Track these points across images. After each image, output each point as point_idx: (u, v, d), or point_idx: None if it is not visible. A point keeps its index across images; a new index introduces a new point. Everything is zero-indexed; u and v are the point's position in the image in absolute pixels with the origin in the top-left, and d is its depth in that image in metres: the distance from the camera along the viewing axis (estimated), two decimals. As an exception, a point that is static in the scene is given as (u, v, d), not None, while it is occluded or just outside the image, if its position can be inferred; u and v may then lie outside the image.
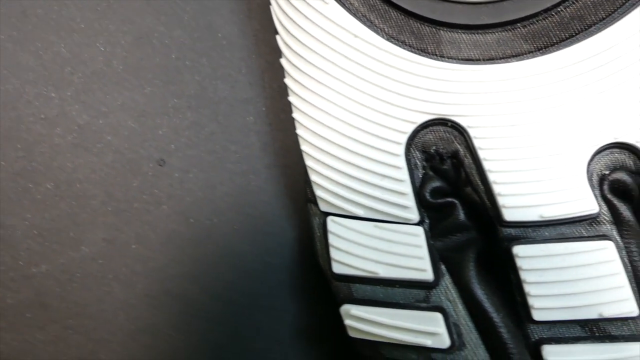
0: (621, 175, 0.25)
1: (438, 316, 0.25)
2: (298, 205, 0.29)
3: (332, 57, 0.26)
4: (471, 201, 0.26)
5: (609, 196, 0.25)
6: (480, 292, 0.25)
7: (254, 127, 0.30)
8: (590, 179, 0.25)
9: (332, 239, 0.27)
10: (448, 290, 0.25)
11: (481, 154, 0.25)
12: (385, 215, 0.26)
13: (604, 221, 0.25)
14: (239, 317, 0.29)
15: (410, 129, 0.26)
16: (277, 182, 0.30)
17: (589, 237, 0.25)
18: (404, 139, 0.26)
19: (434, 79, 0.26)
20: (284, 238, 0.29)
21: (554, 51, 0.25)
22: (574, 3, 0.25)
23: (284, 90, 0.27)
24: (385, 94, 0.26)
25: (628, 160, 0.25)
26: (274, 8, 0.28)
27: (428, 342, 0.25)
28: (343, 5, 0.26)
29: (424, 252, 0.25)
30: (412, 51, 0.26)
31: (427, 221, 0.26)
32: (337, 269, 0.26)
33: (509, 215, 0.25)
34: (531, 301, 0.24)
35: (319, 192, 0.27)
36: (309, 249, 0.27)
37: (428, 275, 0.25)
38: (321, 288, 0.27)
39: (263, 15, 0.30)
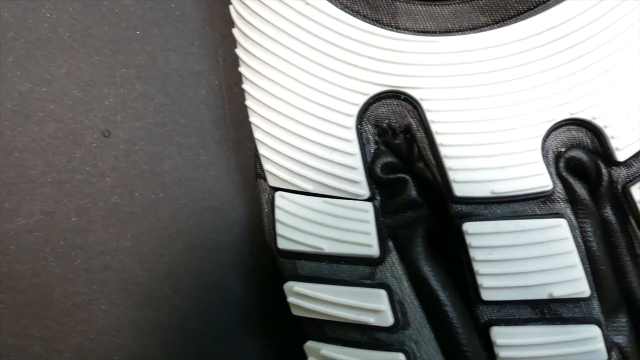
0: (577, 153, 0.24)
1: (382, 293, 0.24)
2: (248, 181, 0.28)
3: (282, 25, 0.25)
4: (423, 177, 0.25)
5: (565, 174, 0.24)
6: (427, 270, 0.24)
7: (205, 100, 0.29)
8: (545, 156, 0.24)
9: (278, 214, 0.25)
10: (394, 267, 0.24)
11: (433, 128, 0.24)
12: (335, 190, 0.25)
13: (558, 199, 0.24)
14: (183, 295, 0.28)
15: (361, 100, 0.25)
16: (227, 157, 0.29)
17: (541, 215, 0.24)
18: (355, 111, 0.25)
19: (387, 50, 0.25)
20: (233, 215, 0.28)
21: (511, 24, 0.24)
22: (532, -25, 0.25)
23: (238, 63, 0.26)
24: (337, 64, 0.25)
25: (585, 138, 0.24)
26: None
27: (371, 319, 0.24)
28: (295, -27, 0.26)
29: (371, 227, 0.24)
30: (365, 21, 0.25)
31: (378, 198, 0.25)
32: (281, 244, 0.25)
33: (459, 190, 0.24)
34: (480, 280, 0.23)
35: (267, 166, 0.26)
36: (258, 227, 0.26)
37: (374, 251, 0.24)
38: (269, 267, 0.26)
39: (219, -14, 0.29)
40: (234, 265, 0.28)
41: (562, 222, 0.23)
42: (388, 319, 0.24)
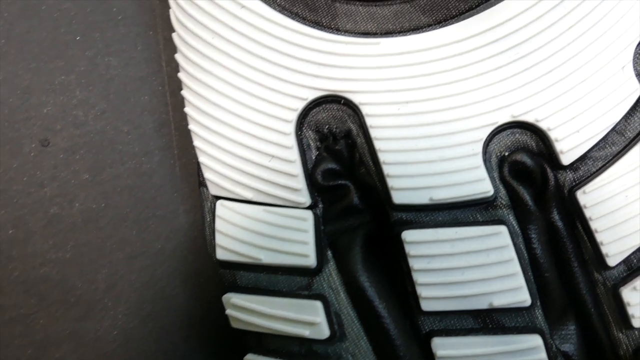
0: (522, 157, 0.24)
1: (318, 305, 0.23)
2: (193, 188, 0.28)
3: (218, 29, 0.25)
4: (365, 183, 0.24)
5: (509, 179, 0.24)
6: (364, 280, 0.23)
7: (148, 106, 0.28)
8: (488, 160, 0.23)
9: (219, 224, 0.25)
10: (331, 278, 0.24)
11: (372, 133, 0.24)
12: (275, 198, 0.24)
13: (501, 205, 0.23)
14: (125, 306, 0.27)
15: (300, 105, 0.24)
16: (171, 164, 0.28)
17: (483, 222, 0.23)
18: (293, 116, 0.24)
19: (325, 53, 0.24)
20: (177, 223, 0.28)
21: (453, 23, 0.24)
22: (473, -27, 0.24)
23: (180, 68, 0.25)
24: (274, 68, 0.24)
25: (530, 141, 0.24)
26: (166, -21, 0.26)
27: (306, 332, 0.23)
28: (232, -26, 0.25)
29: (309, 237, 0.24)
30: (304, 23, 0.24)
31: (320, 205, 0.25)
32: (220, 255, 0.25)
33: (397, 197, 0.23)
34: (419, 290, 0.23)
35: (208, 175, 0.25)
36: (203, 234, 0.25)
37: (310, 261, 0.23)
38: (214, 276, 0.26)
39: (162, -12, 0.28)
40: (177, 274, 0.27)
41: (503, 229, 0.23)
42: (323, 332, 0.23)
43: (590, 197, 0.23)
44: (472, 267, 0.22)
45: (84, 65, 0.28)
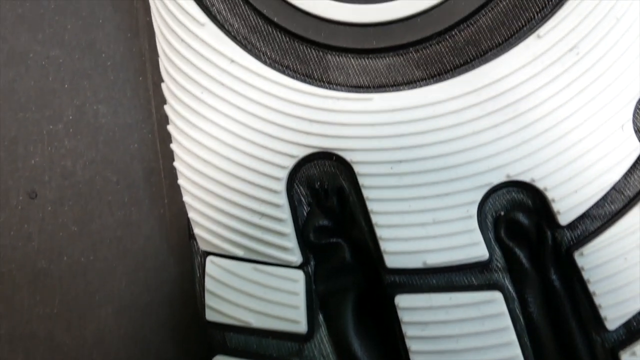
0: (518, 216, 0.23)
1: (309, 373, 0.23)
2: (183, 238, 0.27)
3: (208, 84, 0.24)
4: (357, 242, 0.24)
5: (505, 239, 0.23)
6: (357, 347, 0.23)
7: (137, 155, 0.27)
8: (484, 221, 0.23)
9: (208, 283, 0.24)
10: (322, 344, 0.23)
11: (365, 193, 0.23)
12: (266, 256, 0.24)
13: (496, 268, 0.23)
14: (113, 361, 0.27)
15: (290, 163, 0.24)
16: (161, 214, 0.27)
17: (478, 286, 0.22)
18: (284, 174, 0.24)
19: (316, 109, 0.23)
20: (166, 274, 0.27)
21: (448, 79, 0.23)
22: (468, 27, 0.23)
23: (170, 117, 0.25)
24: (264, 125, 0.24)
25: (526, 199, 0.23)
26: (156, 28, 0.26)
27: (296, 400, 0.23)
28: (221, 26, 0.24)
29: (300, 300, 0.23)
30: (295, 77, 0.24)
31: (312, 262, 0.24)
32: (210, 316, 0.24)
33: (390, 261, 0.23)
34: (413, 357, 0.22)
35: (197, 231, 0.25)
36: (193, 286, 0.25)
37: (301, 327, 0.23)
38: (203, 329, 0.25)
39: (152, 33, 0.27)
40: (166, 328, 0.27)
41: (498, 296, 0.22)
42: (314, 400, 0.23)
43: (588, 259, 0.22)
44: (466, 335, 0.22)
45: (72, 113, 0.27)
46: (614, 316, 0.22)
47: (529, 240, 0.23)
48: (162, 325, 0.27)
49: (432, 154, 0.23)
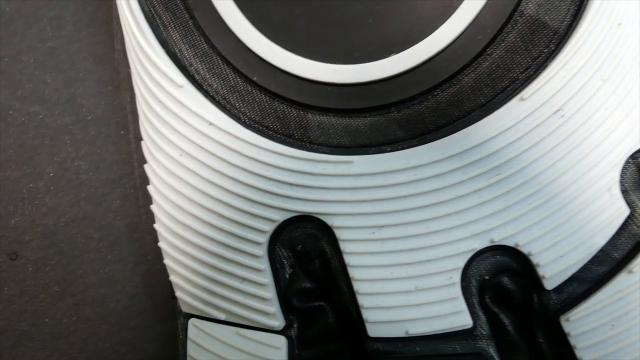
0: (504, 280, 0.23)
1: None
2: (167, 295, 0.27)
3: (187, 146, 0.24)
4: (341, 307, 0.23)
5: (490, 305, 0.23)
6: (340, 418, 0.22)
7: (120, 211, 0.27)
8: (468, 286, 0.22)
9: (190, 348, 0.24)
10: (304, 416, 0.23)
11: (346, 259, 0.23)
12: (248, 320, 0.24)
13: (481, 335, 0.22)
14: None
15: (271, 227, 0.23)
16: (145, 271, 0.27)
17: (462, 354, 0.22)
18: (265, 238, 0.23)
19: (297, 172, 0.23)
20: (151, 332, 0.27)
21: (431, 140, 0.22)
22: (451, 87, 0.23)
23: (154, 169, 0.24)
24: (244, 189, 0.23)
25: (512, 263, 0.22)
26: (135, 88, 0.25)
27: None
28: (200, 87, 0.24)
29: (281, 369, 0.23)
30: (275, 138, 0.23)
31: (295, 326, 0.24)
32: (192, 382, 0.24)
33: (372, 331, 0.22)
34: None
35: (179, 293, 0.24)
36: (177, 345, 0.24)
37: (283, 398, 0.23)
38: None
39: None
40: (152, 389, 0.27)
41: (481, 367, 0.22)
42: None
43: (574, 325, 0.22)
44: (449, 408, 0.21)
45: (53, 170, 0.27)
46: (602, 384, 0.22)
47: (515, 305, 0.23)
48: (144, 385, 0.27)
49: (415, 219, 0.22)
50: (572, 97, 0.22)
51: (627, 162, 0.22)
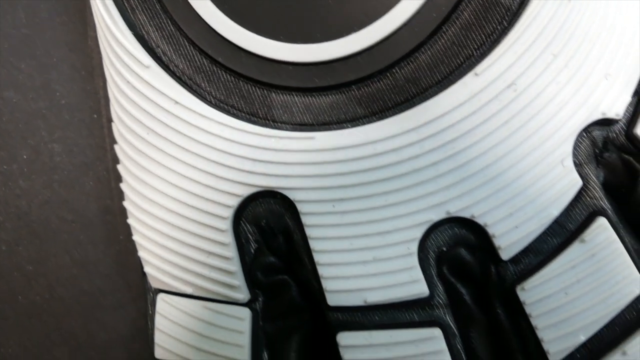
0: (461, 252, 0.23)
1: (251, 413, 0.23)
2: (139, 275, 0.27)
3: (153, 125, 0.24)
4: (304, 280, 0.24)
5: (448, 275, 0.23)
6: (301, 387, 0.23)
7: (93, 194, 0.28)
8: (426, 257, 0.23)
9: (158, 321, 0.25)
10: (265, 384, 0.23)
11: (308, 232, 0.23)
12: (214, 294, 0.24)
13: (438, 304, 0.23)
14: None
15: (235, 202, 0.24)
16: (117, 251, 0.28)
17: (419, 322, 0.23)
18: (229, 213, 0.24)
19: (260, 148, 0.24)
20: (123, 312, 0.27)
21: (389, 116, 0.23)
22: (408, 64, 0.23)
23: (127, 152, 0.25)
24: (209, 165, 0.24)
25: (469, 235, 0.23)
26: (105, 70, 0.26)
27: None
28: (166, 68, 0.24)
29: (244, 339, 0.23)
30: (240, 117, 0.24)
31: (260, 299, 0.24)
32: (158, 354, 0.24)
33: (332, 299, 0.23)
34: (355, 396, 0.22)
35: (147, 269, 0.25)
36: (147, 323, 0.25)
37: (245, 367, 0.23)
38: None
39: (106, 72, 0.28)
40: (122, 367, 0.27)
41: (437, 333, 0.22)
42: None
43: (529, 293, 0.22)
44: (406, 373, 0.22)
45: (27, 154, 0.28)
46: (556, 350, 0.22)
47: (473, 276, 0.23)
48: (117, 364, 0.27)
49: (373, 192, 0.23)
50: (524, 71, 0.22)
51: (581, 136, 0.23)
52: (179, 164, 0.24)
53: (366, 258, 0.23)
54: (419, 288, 0.22)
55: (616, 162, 0.24)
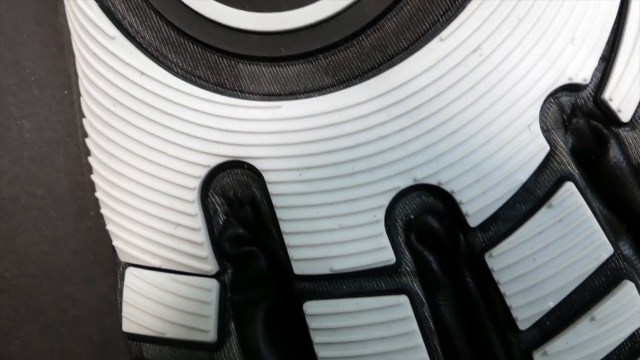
0: (429, 220, 0.23)
1: (217, 383, 0.23)
2: (109, 251, 0.27)
3: (120, 97, 0.24)
4: (271, 251, 0.24)
5: (415, 243, 0.23)
6: (266, 354, 0.23)
7: (63, 169, 0.28)
8: (394, 225, 0.23)
9: (126, 294, 0.24)
10: (231, 353, 0.23)
11: (274, 201, 0.23)
12: (182, 266, 0.24)
13: (405, 272, 0.23)
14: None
15: (202, 172, 0.24)
16: (88, 227, 0.27)
17: (386, 290, 0.22)
18: (196, 184, 0.24)
19: (226, 118, 0.23)
20: (94, 287, 0.27)
21: (356, 84, 0.23)
22: (374, 32, 0.23)
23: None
24: (175, 136, 0.24)
25: (437, 203, 0.23)
26: (73, 43, 0.26)
27: (204, 410, 0.23)
28: (132, 39, 0.24)
29: (211, 310, 0.23)
30: (207, 88, 0.24)
31: (229, 271, 0.24)
32: (126, 327, 0.24)
33: (298, 268, 0.23)
34: (321, 364, 0.22)
35: (116, 242, 0.25)
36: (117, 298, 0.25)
37: (210, 336, 0.23)
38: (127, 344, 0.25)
39: (76, 48, 0.28)
40: (93, 342, 0.27)
41: (404, 300, 0.22)
42: (221, 410, 0.23)
43: (497, 260, 0.22)
44: (373, 340, 0.22)
45: (-4, 130, 0.28)
46: (524, 316, 0.22)
47: (441, 244, 0.23)
48: (89, 340, 0.27)
49: (340, 160, 0.23)
50: (489, 36, 0.22)
51: (548, 102, 0.23)
52: (145, 135, 0.24)
53: (332, 226, 0.22)
54: (386, 255, 0.22)
55: (584, 128, 0.24)
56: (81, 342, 0.27)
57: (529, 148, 0.22)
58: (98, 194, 0.25)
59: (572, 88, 0.23)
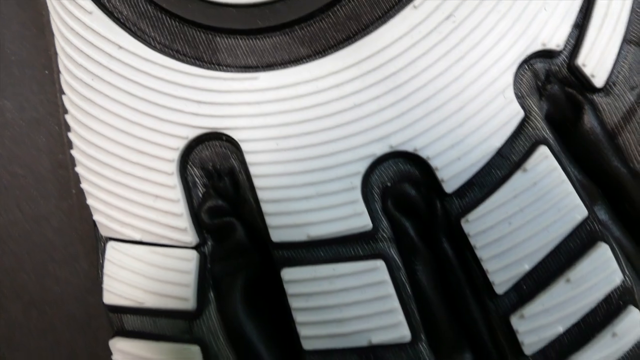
0: (405, 187, 0.23)
1: (196, 350, 0.23)
2: (91, 229, 0.27)
3: (98, 71, 0.24)
4: (250, 221, 0.24)
5: (392, 210, 0.23)
6: (245, 322, 0.23)
7: (45, 148, 0.28)
8: (370, 192, 0.23)
9: (107, 267, 0.24)
10: (211, 321, 0.23)
11: (251, 170, 0.23)
12: (162, 238, 0.24)
13: (382, 238, 0.23)
14: (24, 356, 0.26)
15: (181, 144, 0.24)
16: (70, 205, 0.27)
17: (363, 256, 0.23)
18: (175, 155, 0.24)
19: (204, 90, 0.24)
20: (77, 265, 0.27)
21: (331, 53, 0.23)
22: (349, 2, 0.23)
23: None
24: (154, 108, 0.24)
25: (414, 170, 0.23)
26: (51, 19, 0.26)
27: (185, 378, 0.23)
28: (110, 14, 0.24)
29: (190, 279, 0.23)
30: (185, 61, 0.24)
31: (209, 243, 0.24)
32: (107, 299, 0.24)
33: (275, 235, 0.23)
34: (299, 329, 0.22)
35: (97, 217, 0.25)
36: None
37: (190, 304, 0.23)
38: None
39: (57, 28, 0.28)
40: (77, 320, 0.27)
41: (380, 264, 0.22)
42: (201, 377, 0.23)
43: (473, 225, 0.22)
44: (349, 304, 0.22)
45: (-24, 111, 0.28)
46: (501, 280, 0.22)
47: (418, 211, 0.23)
48: (72, 318, 0.27)
49: (316, 129, 0.23)
50: (462, 2, 0.23)
51: (523, 68, 0.23)
52: (124, 109, 0.24)
53: (309, 193, 0.23)
54: (362, 221, 0.22)
55: (559, 94, 0.24)
56: (65, 319, 0.27)
57: (504, 114, 0.23)
58: (78, 169, 0.25)
59: (546, 54, 0.23)
